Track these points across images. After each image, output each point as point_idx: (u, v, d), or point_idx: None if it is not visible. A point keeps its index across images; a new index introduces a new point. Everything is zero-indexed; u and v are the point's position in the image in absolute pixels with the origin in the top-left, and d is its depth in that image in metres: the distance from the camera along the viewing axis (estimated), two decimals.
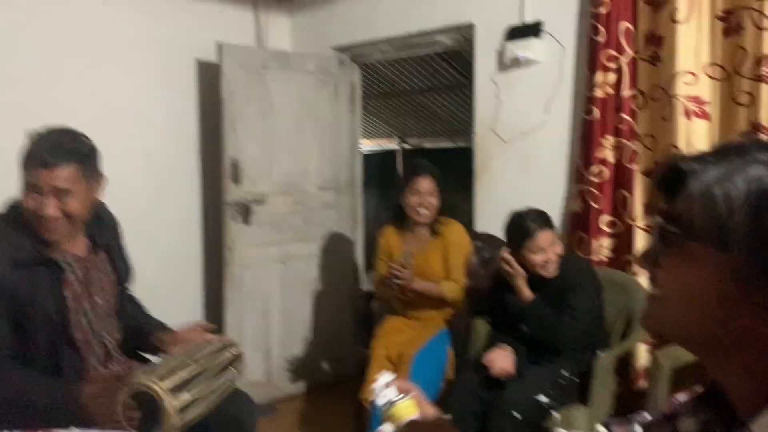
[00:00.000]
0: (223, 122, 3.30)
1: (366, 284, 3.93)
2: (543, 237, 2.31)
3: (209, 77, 3.43)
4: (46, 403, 1.54)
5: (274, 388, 3.54)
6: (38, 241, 1.67)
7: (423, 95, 5.68)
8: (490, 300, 2.53)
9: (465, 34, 3.25)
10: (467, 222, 3.05)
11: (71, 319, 1.72)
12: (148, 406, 1.44)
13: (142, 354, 1.96)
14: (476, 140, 3.21)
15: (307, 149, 3.68)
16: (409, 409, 1.15)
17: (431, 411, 1.18)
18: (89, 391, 1.53)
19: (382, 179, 6.24)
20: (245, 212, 3.44)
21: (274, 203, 3.56)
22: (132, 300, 2.05)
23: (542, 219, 2.35)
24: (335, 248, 3.82)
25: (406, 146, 6.77)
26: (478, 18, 3.13)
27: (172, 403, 1.43)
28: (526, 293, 2.33)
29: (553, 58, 2.88)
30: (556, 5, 2.87)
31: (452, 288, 2.75)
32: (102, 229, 1.86)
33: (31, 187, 1.62)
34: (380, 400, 1.17)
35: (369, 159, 4.60)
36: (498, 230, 2.94)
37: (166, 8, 3.34)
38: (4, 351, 1.61)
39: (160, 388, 1.43)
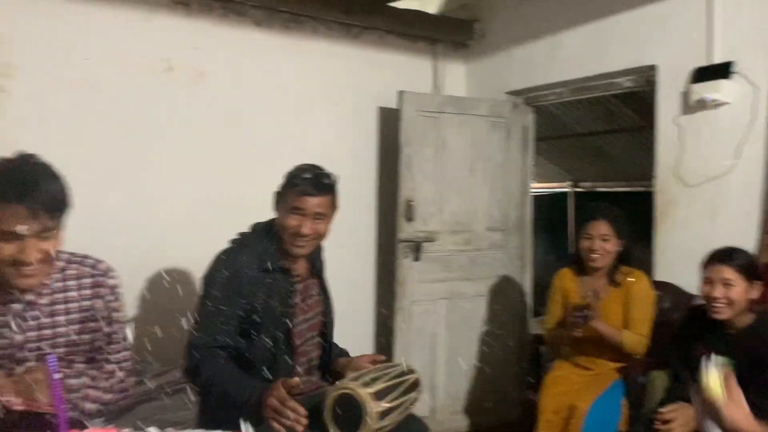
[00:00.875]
0: (400, 164, 3.50)
1: (534, 328, 3.88)
2: (717, 270, 2.16)
3: (389, 122, 3.67)
4: (235, 393, 1.74)
5: (438, 423, 3.59)
6: (280, 253, 1.99)
7: (597, 137, 5.54)
8: (671, 351, 2.39)
9: (647, 76, 3.17)
10: (645, 270, 2.93)
11: (294, 325, 1.97)
12: (351, 410, 1.59)
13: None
14: (657, 184, 3.09)
15: (478, 190, 3.76)
16: (716, 386, 1.45)
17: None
18: (272, 395, 1.67)
19: (552, 223, 6.14)
20: (416, 249, 3.58)
21: (444, 242, 3.67)
22: (332, 328, 2.25)
23: (731, 255, 2.19)
24: (503, 289, 3.83)
25: (578, 189, 6.60)
26: (661, 59, 3.05)
27: (374, 409, 1.58)
28: None
29: (745, 100, 2.71)
30: (748, 45, 2.72)
31: (634, 340, 2.62)
32: (318, 259, 2.16)
33: (295, 209, 1.95)
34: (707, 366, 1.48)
35: (539, 201, 4.57)
36: (680, 280, 2.81)
37: (354, 62, 3.64)
38: (219, 339, 1.86)
39: (366, 393, 1.59)
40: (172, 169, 3.08)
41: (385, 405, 1.67)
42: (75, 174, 1.57)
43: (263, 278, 1.95)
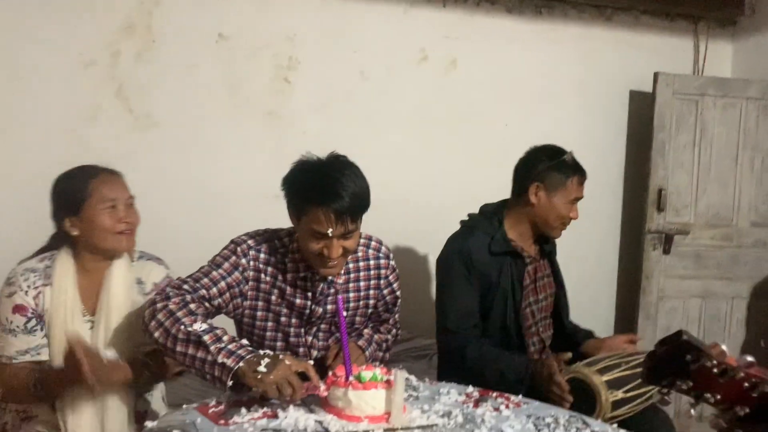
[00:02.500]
0: (652, 150, 3.32)
1: None
2: None
3: (640, 106, 3.49)
4: (509, 372, 1.86)
5: (683, 428, 3.36)
6: (526, 235, 2.07)
7: None
8: None
9: None
10: None
11: (523, 306, 2.02)
12: (584, 394, 1.61)
13: None
14: None
15: (743, 181, 3.43)
16: None
17: None
18: (537, 370, 1.79)
19: None
20: (666, 242, 3.38)
21: (698, 235, 3.42)
22: (566, 308, 2.25)
23: None
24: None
25: None
26: None
27: (607, 397, 1.57)
28: None
29: None
30: None
31: None
32: (547, 240, 2.17)
33: (576, 200, 2.05)
34: None
35: None
36: None
37: (606, 45, 3.50)
38: (473, 320, 1.98)
39: (600, 381, 1.59)
40: (420, 155, 3.27)
41: (620, 395, 1.62)
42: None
43: (493, 261, 2.00)
